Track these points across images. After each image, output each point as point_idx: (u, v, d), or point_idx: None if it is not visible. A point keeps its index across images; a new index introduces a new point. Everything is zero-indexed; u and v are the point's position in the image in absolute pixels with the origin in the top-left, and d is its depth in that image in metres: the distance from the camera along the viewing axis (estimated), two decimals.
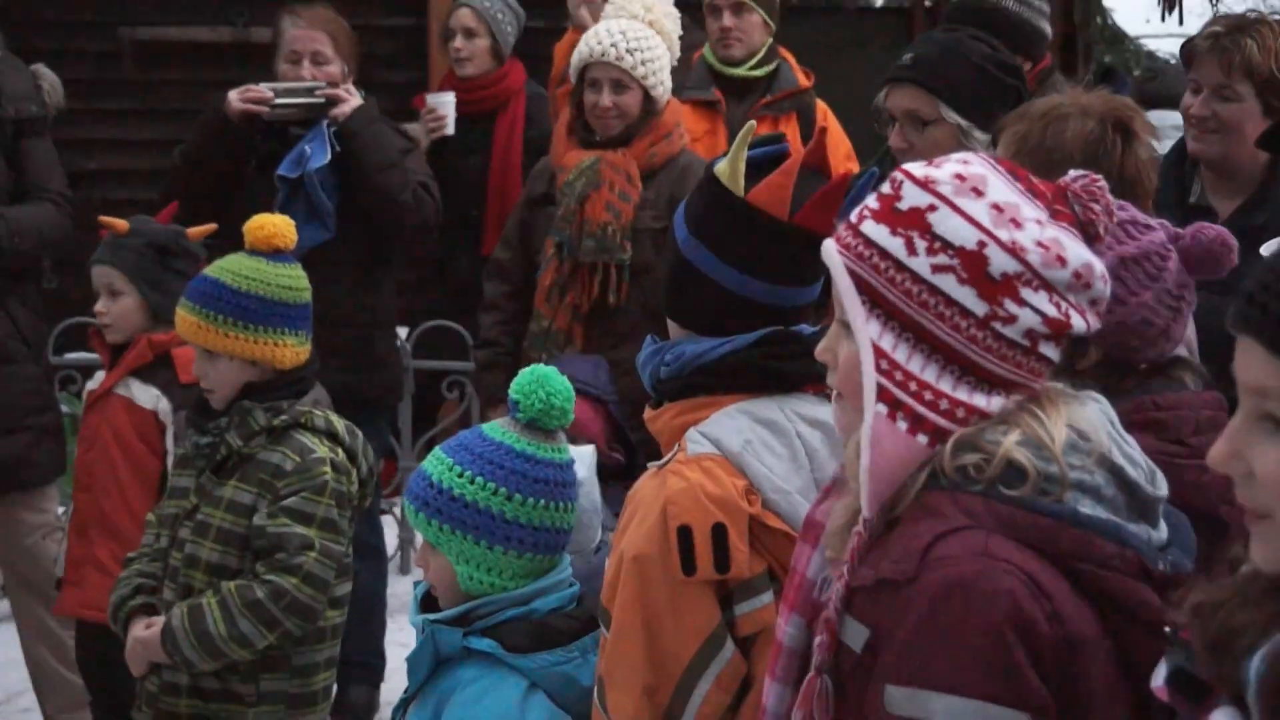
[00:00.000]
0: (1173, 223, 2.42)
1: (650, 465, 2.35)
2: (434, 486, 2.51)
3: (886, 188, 1.80)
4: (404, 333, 5.89)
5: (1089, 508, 1.72)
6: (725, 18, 5.48)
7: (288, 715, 3.39)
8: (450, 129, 5.81)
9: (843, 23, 9.58)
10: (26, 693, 4.69)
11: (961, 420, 1.73)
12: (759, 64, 5.52)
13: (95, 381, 4.14)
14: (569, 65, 4.70)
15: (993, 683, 1.63)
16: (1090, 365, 2.26)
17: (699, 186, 2.39)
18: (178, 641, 3.29)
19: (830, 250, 1.80)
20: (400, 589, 5.58)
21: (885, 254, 1.76)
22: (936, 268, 1.74)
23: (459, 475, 2.50)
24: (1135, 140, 2.64)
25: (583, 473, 2.69)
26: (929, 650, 1.65)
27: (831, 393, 1.88)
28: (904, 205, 1.77)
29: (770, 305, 2.33)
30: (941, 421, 1.73)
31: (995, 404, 1.75)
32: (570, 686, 2.49)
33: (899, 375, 1.74)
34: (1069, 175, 1.84)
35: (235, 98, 4.77)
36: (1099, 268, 1.78)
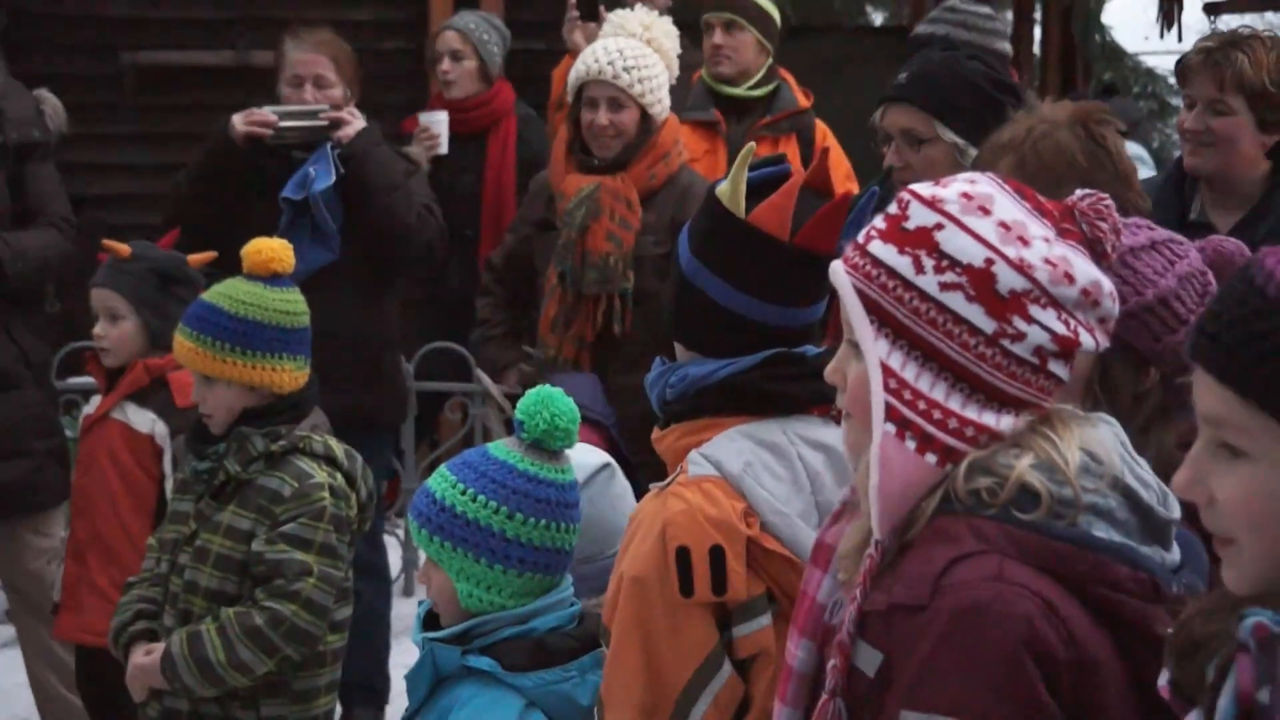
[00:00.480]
0: None
1: (653, 486, 2.35)
2: (437, 503, 2.52)
3: (894, 208, 1.80)
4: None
5: (1103, 531, 1.71)
6: (716, 35, 5.49)
7: None
8: (444, 148, 5.82)
9: (841, 41, 9.60)
10: (34, 717, 4.68)
11: (970, 439, 1.72)
12: (758, 84, 5.53)
13: (92, 406, 4.13)
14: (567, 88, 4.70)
15: (1008, 708, 1.62)
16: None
17: (702, 208, 2.39)
18: (177, 669, 3.28)
19: (838, 270, 1.80)
20: (404, 611, 5.55)
21: (893, 273, 1.75)
22: (944, 285, 1.73)
23: (462, 492, 2.51)
24: (1112, 129, 2.69)
25: (617, 489, 2.77)
26: (944, 675, 1.64)
27: (838, 414, 1.87)
28: (911, 224, 1.76)
29: (773, 326, 2.32)
30: (950, 440, 1.72)
31: (1004, 422, 1.74)
32: (568, 705, 2.49)
33: (908, 394, 1.73)
34: (1076, 194, 1.84)
35: (240, 121, 4.77)
36: (1107, 285, 1.78)
